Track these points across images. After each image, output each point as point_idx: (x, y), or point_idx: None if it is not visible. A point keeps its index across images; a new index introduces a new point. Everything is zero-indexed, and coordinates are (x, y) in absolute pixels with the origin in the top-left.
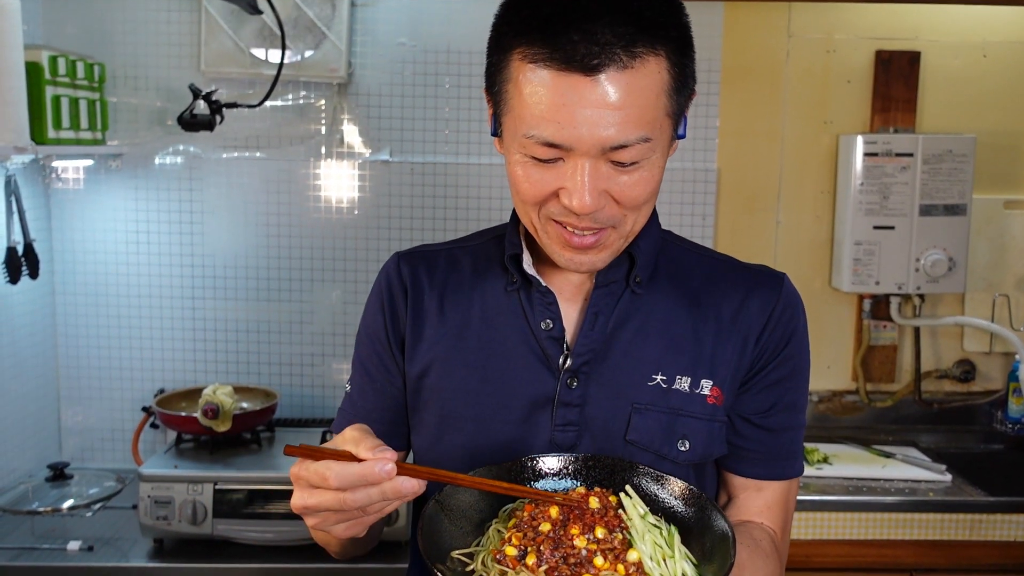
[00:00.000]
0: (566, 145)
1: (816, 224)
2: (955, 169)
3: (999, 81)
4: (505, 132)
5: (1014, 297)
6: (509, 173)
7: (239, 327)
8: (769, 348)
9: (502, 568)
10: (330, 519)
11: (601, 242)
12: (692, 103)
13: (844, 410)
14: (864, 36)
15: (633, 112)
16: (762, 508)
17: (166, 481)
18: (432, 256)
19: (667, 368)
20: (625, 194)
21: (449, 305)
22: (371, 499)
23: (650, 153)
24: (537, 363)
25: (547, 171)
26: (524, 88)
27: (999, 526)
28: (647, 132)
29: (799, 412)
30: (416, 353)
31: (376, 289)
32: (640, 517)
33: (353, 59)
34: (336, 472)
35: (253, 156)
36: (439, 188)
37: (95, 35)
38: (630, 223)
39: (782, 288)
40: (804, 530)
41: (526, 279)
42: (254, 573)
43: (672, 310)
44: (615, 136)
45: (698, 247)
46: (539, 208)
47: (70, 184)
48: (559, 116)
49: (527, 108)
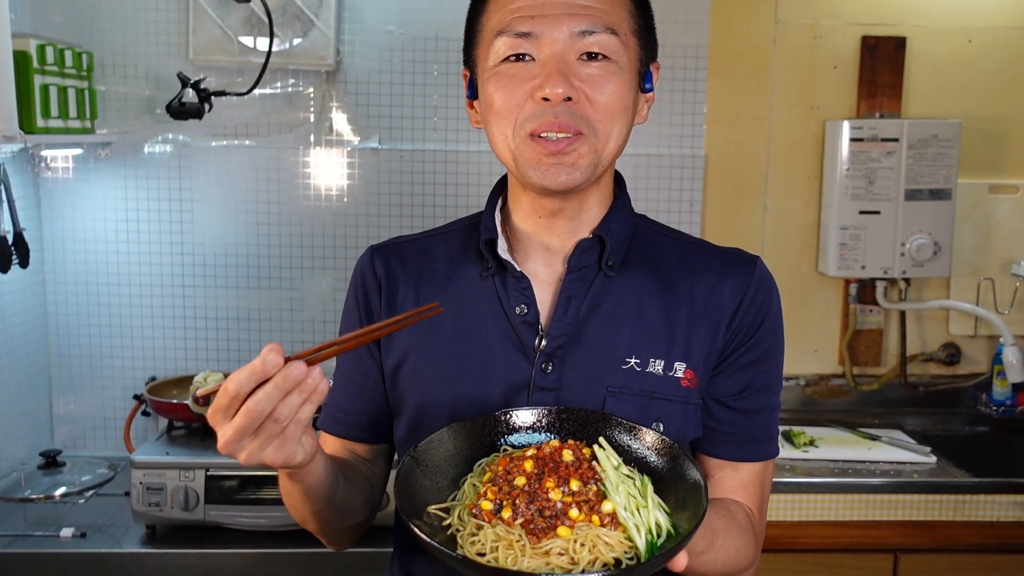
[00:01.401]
0: (536, 32)
1: (803, 209)
2: (940, 154)
3: (984, 66)
4: (478, 64)
5: (999, 281)
6: (486, 101)
7: (230, 315)
8: (742, 330)
9: (478, 522)
10: (254, 446)
11: (574, 149)
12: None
13: (831, 393)
14: (850, 22)
15: (599, 9)
16: (737, 487)
17: (158, 468)
18: (405, 247)
19: (641, 351)
20: (594, 91)
21: (424, 294)
22: (269, 396)
23: (616, 53)
24: (512, 348)
25: (519, 71)
26: (496, 2)
27: (982, 506)
28: (612, 26)
29: (773, 394)
30: (392, 345)
31: (352, 285)
32: (614, 468)
33: (341, 47)
34: (232, 378)
35: (242, 144)
36: (428, 175)
37: (83, 23)
38: (602, 135)
39: (755, 270)
40: (790, 512)
41: (501, 265)
42: (247, 559)
43: (645, 293)
44: (582, 21)
45: (672, 231)
46: (515, 122)
47: (59, 173)
48: (530, 9)
49: (501, 13)
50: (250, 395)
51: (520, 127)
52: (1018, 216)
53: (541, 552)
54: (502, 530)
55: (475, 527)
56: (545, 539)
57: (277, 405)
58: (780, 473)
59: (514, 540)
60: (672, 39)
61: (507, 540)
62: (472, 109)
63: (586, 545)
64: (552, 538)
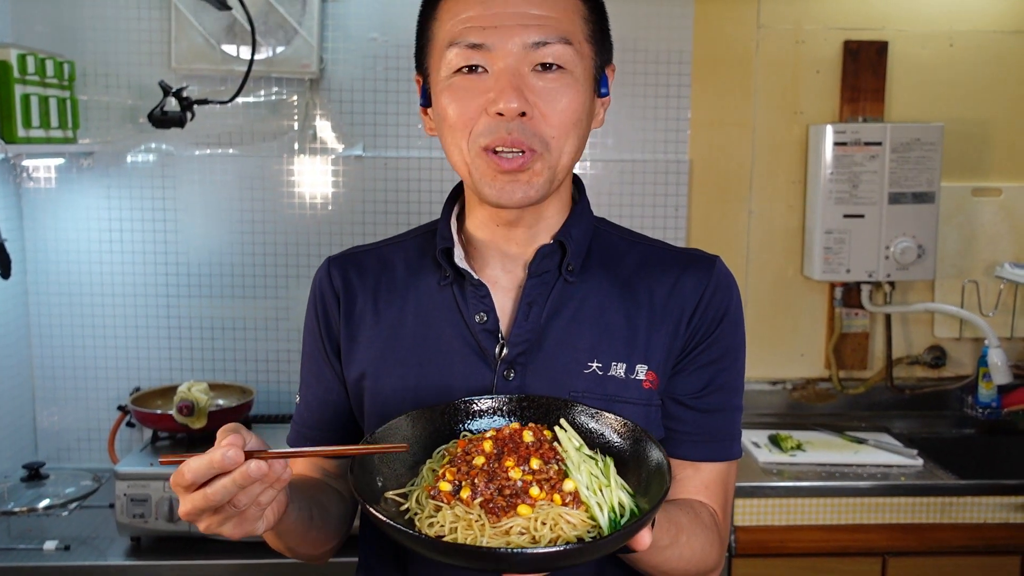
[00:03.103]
0: (488, 43)
1: (788, 213)
2: (923, 157)
3: (966, 70)
4: (432, 69)
5: (983, 283)
6: (439, 111)
7: (214, 324)
8: (701, 329)
9: (437, 503)
10: (213, 521)
11: (529, 166)
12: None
13: (817, 397)
14: (833, 27)
15: (553, 16)
16: (700, 487)
17: (142, 479)
18: (363, 257)
19: (602, 355)
20: (548, 105)
21: (383, 304)
22: (227, 490)
23: (571, 63)
24: (473, 356)
25: (473, 84)
26: (449, 9)
27: (969, 509)
28: (566, 35)
29: (734, 394)
30: (352, 357)
31: (311, 298)
32: (576, 449)
33: (325, 54)
34: (189, 467)
35: (226, 153)
36: (412, 183)
37: (64, 33)
38: (555, 150)
39: (714, 269)
40: (778, 516)
41: (459, 273)
42: (232, 569)
43: (605, 297)
44: (535, 33)
45: (631, 233)
46: (468, 135)
47: (41, 183)
48: (482, 21)
49: (452, 23)
50: (208, 482)
51: (474, 140)
52: (1001, 218)
53: (501, 531)
54: (460, 511)
55: (433, 509)
56: (505, 518)
57: (236, 495)
58: (767, 477)
59: (473, 520)
60: (656, 45)
61: (466, 520)
62: (426, 116)
63: (547, 524)
64: (512, 517)
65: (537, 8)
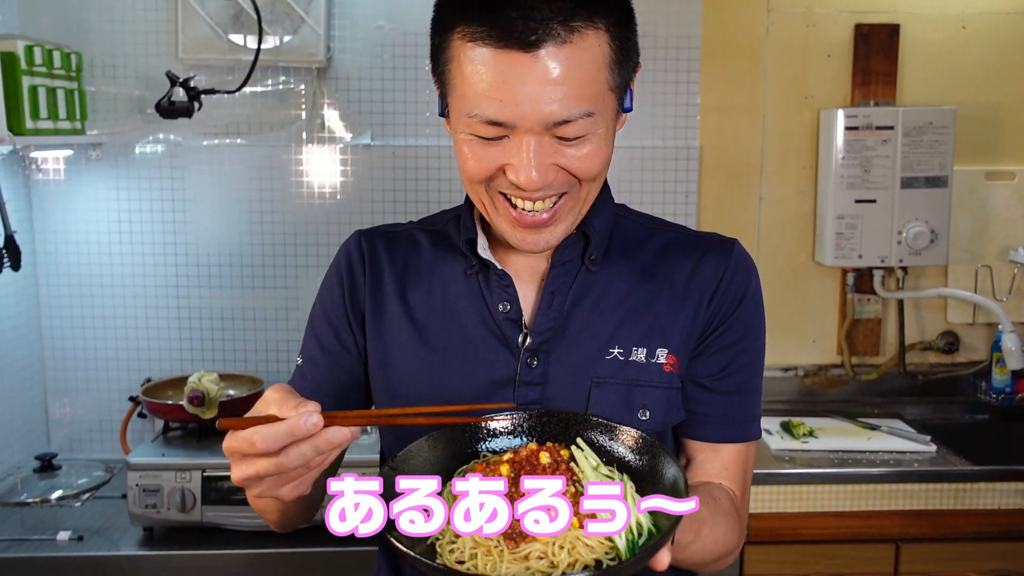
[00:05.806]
0: (509, 122)
1: (799, 199)
2: (936, 141)
3: (978, 52)
4: (451, 112)
5: (996, 268)
6: (456, 152)
7: (224, 314)
8: (721, 311)
9: None
10: (272, 485)
11: (557, 216)
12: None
13: (830, 384)
14: (843, 10)
15: (574, 87)
16: (720, 469)
17: (154, 469)
18: (393, 236)
19: (623, 341)
20: (574, 167)
21: (411, 287)
22: (305, 456)
23: (594, 127)
24: (497, 344)
25: (493, 148)
26: (465, 67)
27: (982, 494)
28: (589, 107)
29: (754, 375)
30: (378, 332)
31: (335, 265)
32: (592, 469)
33: (332, 43)
34: (262, 435)
35: (234, 143)
36: (421, 171)
37: (71, 24)
38: (584, 191)
39: (732, 252)
40: (791, 503)
41: (484, 262)
42: (244, 559)
43: (626, 284)
44: (557, 111)
45: (651, 219)
46: (486, 184)
47: (50, 175)
48: (501, 94)
49: (469, 87)
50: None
51: (494, 187)
52: (1015, 202)
53: (520, 556)
54: (480, 536)
55: (454, 535)
56: (524, 543)
57: (312, 459)
58: (780, 464)
59: (492, 546)
60: (665, 30)
61: (485, 546)
62: (447, 122)
63: (565, 547)
64: (531, 542)
65: (557, 71)
